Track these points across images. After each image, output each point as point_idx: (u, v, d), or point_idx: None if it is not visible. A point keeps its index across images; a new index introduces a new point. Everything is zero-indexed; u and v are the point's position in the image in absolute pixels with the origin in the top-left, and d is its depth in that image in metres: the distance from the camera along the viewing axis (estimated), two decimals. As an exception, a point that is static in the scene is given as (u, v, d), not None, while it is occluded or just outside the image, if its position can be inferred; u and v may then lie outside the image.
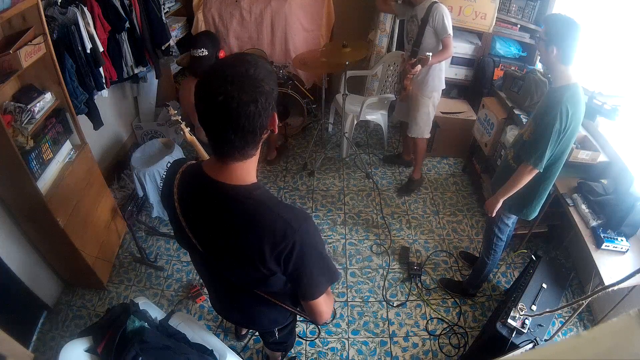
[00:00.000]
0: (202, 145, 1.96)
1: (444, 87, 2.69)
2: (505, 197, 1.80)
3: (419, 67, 2.39)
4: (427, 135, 2.86)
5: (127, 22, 2.53)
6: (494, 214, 1.88)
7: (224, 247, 0.97)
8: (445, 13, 2.37)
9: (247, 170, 0.93)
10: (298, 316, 1.31)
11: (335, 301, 2.35)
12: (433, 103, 2.70)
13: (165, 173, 1.11)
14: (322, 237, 1.09)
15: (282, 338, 1.49)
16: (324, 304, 1.05)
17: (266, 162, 3.41)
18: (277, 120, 0.91)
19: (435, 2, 2.38)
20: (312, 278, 0.98)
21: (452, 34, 2.41)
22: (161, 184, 2.42)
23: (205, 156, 1.91)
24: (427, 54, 2.33)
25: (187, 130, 2.01)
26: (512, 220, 2.01)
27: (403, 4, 2.63)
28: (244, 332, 2.14)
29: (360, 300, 2.37)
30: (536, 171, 1.66)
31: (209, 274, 1.20)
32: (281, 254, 0.91)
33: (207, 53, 2.14)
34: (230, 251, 0.96)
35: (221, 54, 2.23)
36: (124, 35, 2.58)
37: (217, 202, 0.93)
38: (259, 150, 0.93)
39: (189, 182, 0.98)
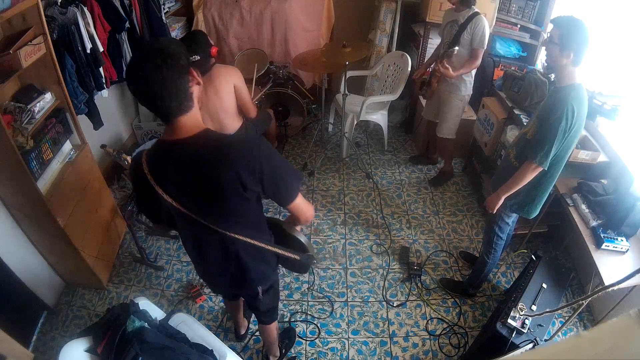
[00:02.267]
0: None
1: (471, 92, 2.80)
2: (507, 194, 1.80)
3: (448, 69, 2.51)
4: (454, 136, 2.96)
5: (127, 22, 2.53)
6: (494, 211, 1.89)
7: (205, 191, 1.09)
8: (486, 26, 2.45)
9: (194, 119, 1.08)
10: (298, 315, 1.33)
11: (335, 301, 2.35)
12: (463, 106, 2.83)
13: None
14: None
15: (269, 302, 1.58)
16: (304, 203, 1.25)
17: None
18: (197, 73, 1.05)
19: (479, 14, 2.46)
20: (287, 182, 1.16)
21: (485, 47, 2.52)
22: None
23: None
24: (455, 48, 2.48)
25: (128, 157, 2.16)
26: (512, 219, 2.01)
27: (449, 10, 2.66)
28: (243, 332, 2.14)
29: (360, 300, 2.37)
30: (540, 169, 1.67)
31: (197, 237, 1.28)
32: (254, 172, 1.06)
33: (198, 57, 2.12)
34: (211, 191, 1.09)
35: (213, 51, 2.20)
36: (124, 35, 2.58)
37: (184, 155, 1.06)
38: (195, 101, 1.07)
39: (155, 155, 1.11)
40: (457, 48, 2.50)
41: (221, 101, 2.30)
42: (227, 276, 1.38)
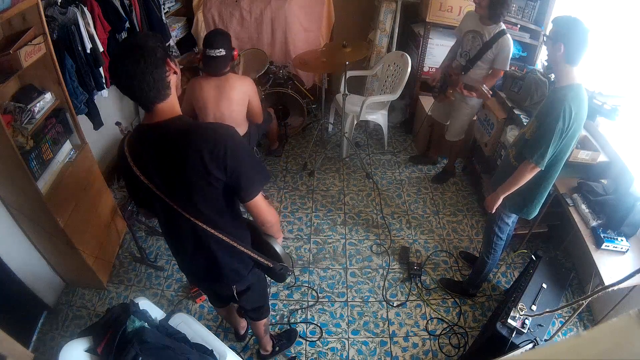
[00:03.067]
0: None
1: (481, 101, 2.79)
2: (506, 194, 1.80)
3: (472, 94, 2.53)
4: (463, 136, 2.98)
5: (127, 22, 2.53)
6: (493, 211, 1.89)
7: (173, 172, 1.13)
8: (511, 48, 2.44)
9: (171, 106, 1.13)
10: (298, 315, 1.32)
11: (335, 301, 2.35)
12: (472, 113, 2.84)
13: None
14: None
15: (253, 302, 1.61)
16: (264, 204, 1.26)
17: (269, 153, 3.44)
18: (174, 63, 1.11)
19: (505, 33, 2.42)
20: (248, 175, 1.16)
21: (507, 69, 2.54)
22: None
23: None
24: (486, 89, 2.43)
25: None
26: (512, 219, 2.01)
27: (472, 15, 2.55)
28: (243, 332, 2.14)
29: (360, 300, 2.37)
30: (538, 169, 1.67)
31: (172, 223, 1.29)
32: (218, 157, 1.09)
33: (224, 53, 2.17)
34: (178, 172, 1.12)
35: (235, 54, 2.25)
36: (124, 35, 2.58)
37: (158, 137, 1.13)
38: (173, 89, 1.13)
39: (134, 138, 1.18)
40: (490, 93, 2.46)
41: (232, 111, 2.34)
42: (201, 267, 1.38)
